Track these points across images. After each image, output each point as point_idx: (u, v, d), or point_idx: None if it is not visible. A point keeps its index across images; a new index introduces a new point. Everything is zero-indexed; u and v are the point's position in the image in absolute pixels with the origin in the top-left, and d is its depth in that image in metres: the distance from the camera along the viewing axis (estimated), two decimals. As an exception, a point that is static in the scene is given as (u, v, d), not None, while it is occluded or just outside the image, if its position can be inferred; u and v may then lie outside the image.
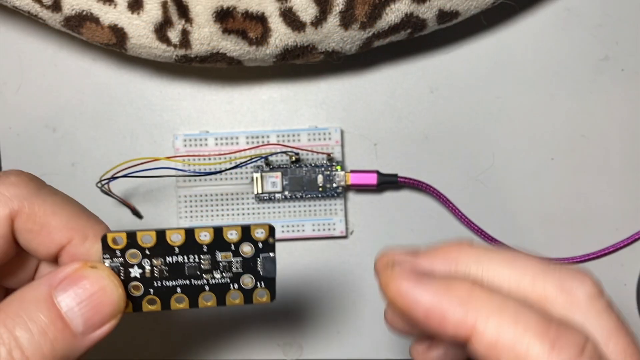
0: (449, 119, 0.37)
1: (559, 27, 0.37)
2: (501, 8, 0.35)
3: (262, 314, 0.37)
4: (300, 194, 0.36)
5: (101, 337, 0.21)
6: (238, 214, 0.36)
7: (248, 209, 0.36)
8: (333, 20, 0.31)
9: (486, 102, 0.37)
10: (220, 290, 0.24)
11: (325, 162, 0.36)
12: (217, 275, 0.24)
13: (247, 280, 0.24)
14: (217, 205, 0.36)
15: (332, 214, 0.36)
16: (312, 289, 0.37)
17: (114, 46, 0.32)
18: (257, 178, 0.35)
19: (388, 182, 0.36)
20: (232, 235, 0.23)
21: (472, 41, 0.37)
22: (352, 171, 0.36)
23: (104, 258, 0.23)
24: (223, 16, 0.31)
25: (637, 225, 0.37)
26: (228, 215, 0.36)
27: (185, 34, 0.31)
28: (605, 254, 0.37)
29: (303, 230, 0.36)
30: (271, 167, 0.36)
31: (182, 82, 0.37)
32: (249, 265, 0.24)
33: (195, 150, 0.35)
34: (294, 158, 0.35)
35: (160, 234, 0.23)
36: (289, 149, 0.35)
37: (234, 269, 0.24)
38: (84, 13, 0.31)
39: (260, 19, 0.31)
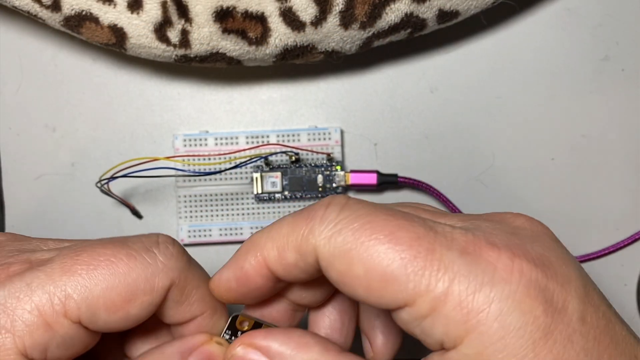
0: (449, 119, 0.37)
1: (559, 27, 0.37)
2: (501, 8, 0.35)
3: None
4: (300, 194, 0.35)
5: None
6: (238, 214, 0.36)
7: (248, 209, 0.36)
8: (333, 20, 0.31)
9: (486, 102, 0.37)
10: None
11: (325, 162, 0.36)
12: None
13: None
14: (217, 205, 0.36)
15: None
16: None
17: (114, 46, 0.32)
18: (257, 178, 0.35)
19: (388, 182, 0.36)
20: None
21: (472, 41, 0.37)
22: (352, 171, 0.36)
23: (225, 334, 0.24)
24: (223, 16, 0.31)
25: (637, 225, 0.37)
26: (228, 215, 0.36)
27: (184, 33, 0.31)
28: (606, 254, 0.37)
29: None
30: (271, 167, 0.36)
31: (182, 82, 0.37)
32: None
33: (195, 150, 0.35)
34: (293, 158, 0.35)
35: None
36: (289, 149, 0.35)
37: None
38: (84, 13, 0.31)
39: (260, 19, 0.31)
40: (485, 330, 0.18)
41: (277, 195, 0.35)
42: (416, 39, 0.34)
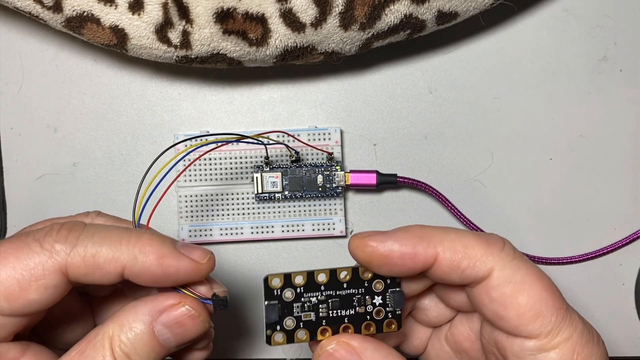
0: (448, 119, 0.37)
1: (557, 28, 0.37)
2: (500, 9, 0.35)
3: (262, 314, 0.37)
4: (300, 193, 0.36)
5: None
6: (238, 214, 0.36)
7: (248, 208, 0.36)
8: (333, 21, 0.32)
9: (485, 102, 0.37)
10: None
11: (325, 162, 0.36)
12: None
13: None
14: (217, 205, 0.36)
15: (332, 213, 0.36)
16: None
17: (115, 47, 0.33)
18: (257, 178, 0.35)
19: (387, 182, 0.36)
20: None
21: (471, 42, 0.37)
22: (351, 171, 0.36)
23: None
24: (223, 17, 0.31)
25: (635, 225, 0.37)
26: (228, 215, 0.36)
27: (185, 34, 0.32)
28: (604, 254, 0.37)
29: (303, 230, 0.36)
30: (271, 167, 0.36)
31: (183, 83, 0.37)
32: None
33: (196, 151, 0.36)
34: (294, 157, 0.35)
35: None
36: (291, 138, 0.35)
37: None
38: (85, 14, 0.31)
39: (261, 20, 0.31)
40: None
41: (277, 195, 0.36)
42: (415, 40, 0.35)
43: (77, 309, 0.29)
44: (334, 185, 0.36)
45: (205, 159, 0.36)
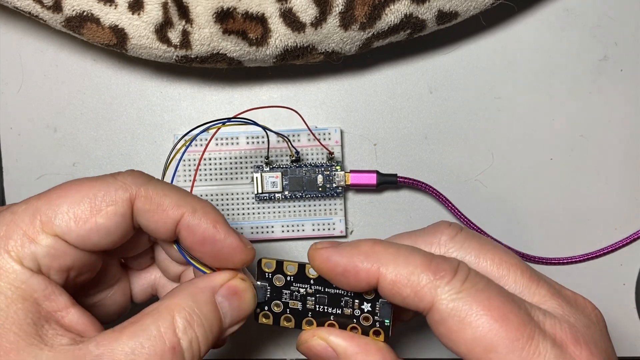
0: (448, 120, 0.37)
1: (557, 27, 0.37)
2: (500, 9, 0.35)
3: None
4: (300, 193, 0.36)
5: (230, 333, 0.27)
6: (238, 214, 0.36)
7: (248, 208, 0.36)
8: (333, 21, 0.32)
9: (485, 102, 0.37)
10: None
11: (325, 162, 0.36)
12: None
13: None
14: (217, 205, 0.36)
15: (332, 213, 0.36)
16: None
17: (115, 47, 0.33)
18: (257, 178, 0.35)
19: (387, 182, 0.36)
20: None
21: (472, 42, 0.37)
22: (351, 171, 0.36)
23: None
24: (223, 17, 0.31)
25: (635, 225, 0.37)
26: (228, 215, 0.36)
27: (185, 34, 0.32)
28: (605, 253, 0.37)
29: (303, 230, 0.36)
30: (271, 167, 0.36)
31: (183, 83, 0.37)
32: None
33: (196, 150, 0.36)
34: (294, 157, 0.35)
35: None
36: (293, 137, 0.35)
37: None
38: (85, 14, 0.31)
39: (260, 20, 0.31)
40: None
41: (277, 195, 0.36)
42: (415, 40, 0.35)
43: (119, 276, 0.30)
44: (334, 185, 0.36)
45: (205, 159, 0.36)
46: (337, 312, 0.27)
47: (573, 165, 0.37)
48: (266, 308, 0.28)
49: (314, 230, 0.36)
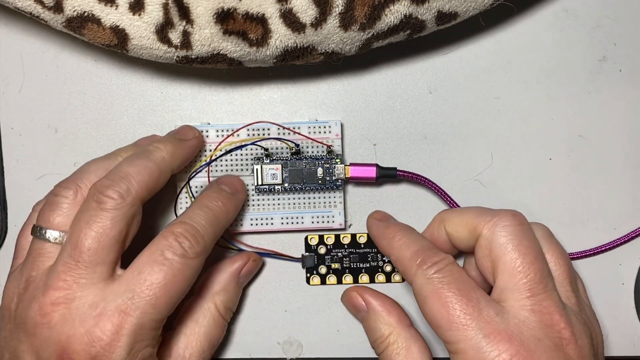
0: (447, 120, 0.37)
1: (557, 28, 0.37)
2: (499, 9, 0.35)
3: (262, 313, 0.37)
4: (300, 186, 0.36)
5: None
6: (238, 207, 0.36)
7: (248, 200, 0.36)
8: (333, 22, 0.32)
9: (485, 102, 0.37)
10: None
11: (325, 154, 0.36)
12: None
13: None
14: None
15: (332, 206, 0.36)
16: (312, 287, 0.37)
17: (116, 47, 0.33)
18: (257, 170, 0.35)
19: (387, 176, 0.36)
20: None
21: (471, 42, 0.37)
22: (351, 164, 0.36)
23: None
24: (224, 17, 0.31)
25: (634, 225, 0.37)
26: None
27: (186, 35, 0.32)
28: (603, 251, 0.37)
29: (302, 222, 0.36)
30: (271, 159, 0.36)
31: (183, 83, 0.37)
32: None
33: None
34: (294, 150, 0.35)
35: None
36: (290, 132, 0.35)
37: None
38: (86, 14, 0.32)
39: (261, 20, 0.31)
40: None
41: (277, 187, 0.36)
42: (415, 40, 0.35)
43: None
44: (333, 177, 0.36)
45: (204, 151, 0.36)
46: (366, 265, 0.37)
47: (572, 165, 0.37)
48: (315, 272, 0.37)
49: (313, 222, 0.36)
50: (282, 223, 0.36)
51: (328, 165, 0.36)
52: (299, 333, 0.37)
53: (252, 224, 0.36)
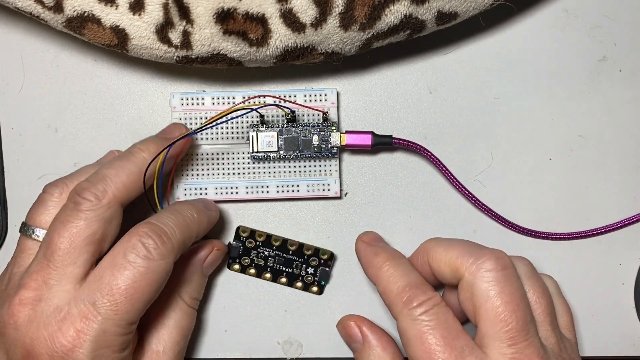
0: (447, 120, 0.37)
1: (557, 28, 0.37)
2: (500, 9, 0.35)
3: (262, 313, 0.37)
4: (296, 153, 0.36)
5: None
6: (233, 173, 0.36)
7: (243, 168, 0.36)
8: (333, 22, 0.32)
9: (485, 102, 0.37)
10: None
11: (320, 122, 0.36)
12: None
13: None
14: (212, 164, 0.36)
15: (327, 174, 0.36)
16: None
17: (116, 47, 0.33)
18: (253, 137, 0.35)
19: (383, 144, 0.36)
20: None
21: (471, 42, 0.37)
22: (347, 132, 0.36)
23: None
24: (224, 17, 0.31)
25: (634, 224, 0.37)
26: (224, 174, 0.36)
27: (186, 35, 0.32)
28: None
29: (298, 191, 0.36)
30: (267, 125, 0.36)
31: (184, 83, 0.37)
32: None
33: (192, 109, 0.36)
34: (289, 117, 0.35)
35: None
36: (286, 101, 0.35)
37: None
38: (86, 14, 0.32)
39: (261, 20, 0.31)
40: None
41: (272, 155, 0.36)
42: (415, 40, 0.35)
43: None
44: (329, 145, 0.36)
45: (200, 118, 0.36)
46: (289, 271, 0.37)
47: (572, 165, 0.37)
48: (237, 261, 0.37)
49: (308, 191, 0.36)
50: (278, 191, 0.36)
51: (324, 133, 0.36)
52: (299, 333, 0.37)
53: (247, 192, 0.36)
